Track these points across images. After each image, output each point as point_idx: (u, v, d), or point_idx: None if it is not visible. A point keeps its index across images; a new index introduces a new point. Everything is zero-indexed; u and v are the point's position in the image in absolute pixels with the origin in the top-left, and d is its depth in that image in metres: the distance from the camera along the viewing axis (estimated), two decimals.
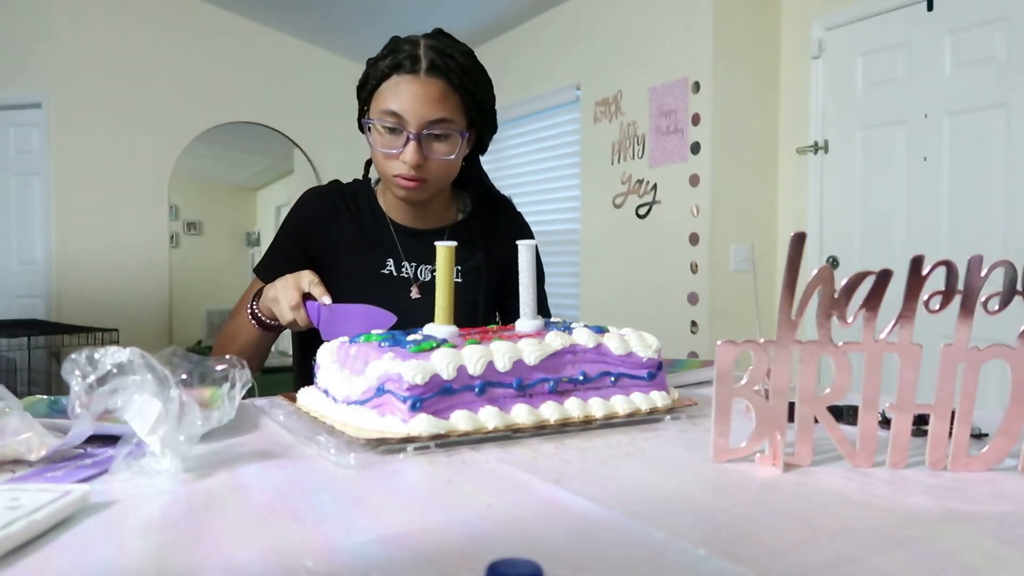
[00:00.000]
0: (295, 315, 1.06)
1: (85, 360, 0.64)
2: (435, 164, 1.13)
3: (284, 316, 1.07)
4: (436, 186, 1.18)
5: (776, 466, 0.64)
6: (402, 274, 1.23)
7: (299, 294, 1.06)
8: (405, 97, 1.09)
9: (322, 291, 1.05)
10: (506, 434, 0.74)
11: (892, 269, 0.63)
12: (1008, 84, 2.42)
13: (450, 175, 1.19)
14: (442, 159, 1.13)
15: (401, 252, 1.24)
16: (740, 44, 3.06)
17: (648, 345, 0.86)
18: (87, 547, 0.48)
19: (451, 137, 1.12)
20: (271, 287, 1.10)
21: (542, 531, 0.50)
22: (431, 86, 1.09)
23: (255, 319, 1.14)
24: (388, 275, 1.23)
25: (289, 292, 1.06)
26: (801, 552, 0.47)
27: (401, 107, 1.09)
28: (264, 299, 1.11)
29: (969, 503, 0.56)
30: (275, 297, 1.08)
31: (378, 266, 1.23)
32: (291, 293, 1.06)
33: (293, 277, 1.08)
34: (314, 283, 1.06)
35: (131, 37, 4.39)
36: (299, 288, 1.06)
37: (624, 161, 3.46)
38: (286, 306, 1.06)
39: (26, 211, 4.32)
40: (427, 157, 1.11)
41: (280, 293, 1.07)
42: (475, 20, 4.12)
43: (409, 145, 1.09)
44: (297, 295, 1.06)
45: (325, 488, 0.60)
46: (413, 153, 1.09)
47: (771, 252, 3.14)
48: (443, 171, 1.16)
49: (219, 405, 0.71)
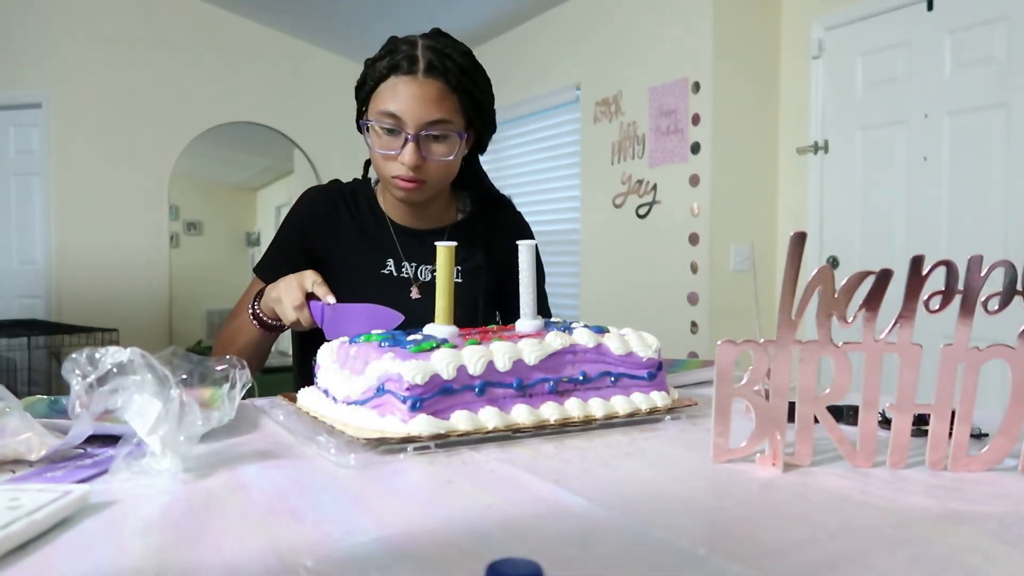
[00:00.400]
0: (299, 315, 1.05)
1: (86, 360, 0.64)
2: (433, 165, 1.13)
3: (287, 316, 1.06)
4: (435, 187, 1.18)
5: (776, 466, 0.64)
6: (402, 274, 1.23)
7: (303, 294, 1.05)
8: (403, 98, 1.09)
9: (326, 291, 1.04)
10: (506, 434, 0.74)
11: (892, 269, 0.63)
12: (1008, 84, 2.42)
13: (449, 176, 1.19)
14: (440, 160, 1.13)
15: (401, 252, 1.24)
16: (740, 44, 3.06)
17: (648, 345, 0.86)
18: (87, 547, 0.48)
19: (449, 138, 1.12)
20: (273, 287, 1.10)
21: (542, 531, 0.50)
22: (429, 87, 1.09)
23: (256, 319, 1.14)
24: (388, 275, 1.23)
25: (292, 292, 1.06)
26: (801, 552, 0.47)
27: (399, 108, 1.09)
28: (266, 299, 1.11)
29: (969, 503, 0.56)
30: (278, 297, 1.07)
31: (378, 266, 1.23)
32: (294, 293, 1.05)
33: (296, 277, 1.07)
34: (317, 283, 1.05)
35: (131, 37, 4.39)
36: (302, 288, 1.06)
37: (624, 161, 3.46)
38: (289, 306, 1.05)
39: (26, 211, 4.32)
40: (425, 158, 1.11)
41: (283, 293, 1.07)
42: (475, 20, 4.12)
43: (407, 146, 1.09)
44: (301, 295, 1.05)
45: (325, 488, 0.60)
46: (411, 154, 1.09)
47: (771, 252, 3.14)
48: (442, 172, 1.15)
49: (219, 405, 0.71)
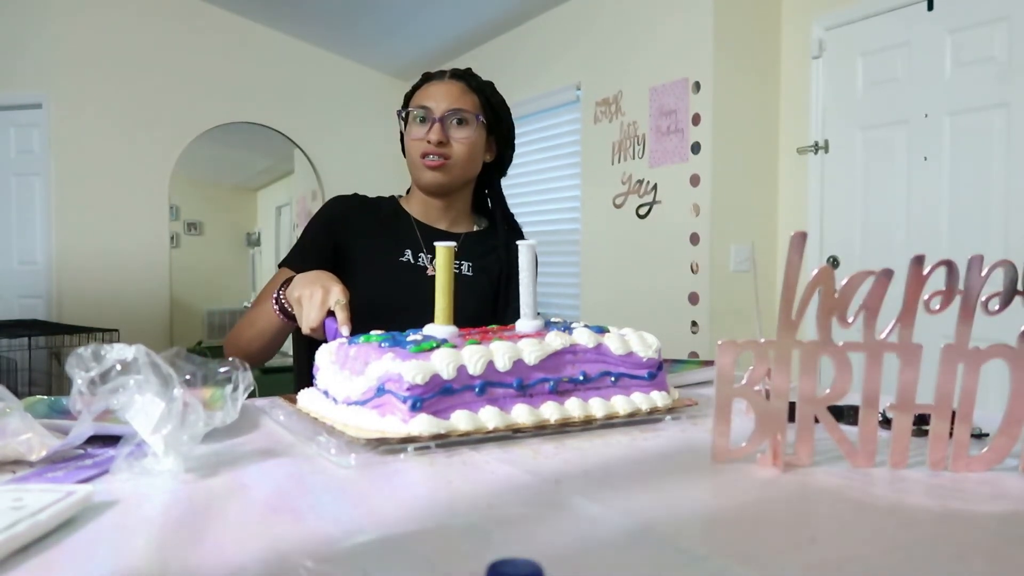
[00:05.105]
0: (312, 333, 1.05)
1: (90, 355, 0.64)
2: (456, 143, 1.32)
3: (305, 323, 1.06)
4: (458, 166, 1.33)
5: (776, 466, 0.64)
6: (419, 263, 1.35)
7: (323, 313, 1.04)
8: (432, 94, 1.34)
9: (345, 318, 1.02)
10: (506, 434, 0.74)
11: (892, 269, 0.63)
12: (1008, 84, 2.42)
13: (470, 156, 1.34)
14: (462, 140, 1.32)
15: (422, 244, 1.36)
16: (740, 44, 3.06)
17: (648, 345, 0.86)
18: (90, 547, 0.48)
19: (469, 122, 1.33)
20: (302, 283, 1.09)
21: (542, 531, 0.50)
22: (453, 85, 1.35)
23: (280, 308, 1.15)
24: (406, 263, 1.34)
25: (315, 307, 1.05)
26: (801, 552, 0.47)
27: (428, 101, 1.32)
28: (291, 291, 1.10)
29: (969, 503, 0.56)
30: (299, 299, 1.07)
31: (396, 254, 1.34)
32: (316, 311, 1.04)
33: (323, 290, 1.06)
34: (340, 304, 1.04)
35: (131, 37, 4.39)
36: (325, 303, 1.05)
37: (624, 161, 3.46)
38: (306, 321, 1.05)
39: (26, 211, 4.31)
40: (449, 139, 1.30)
41: (306, 301, 1.06)
42: (475, 20, 4.12)
43: (434, 127, 1.30)
44: (321, 315, 1.04)
45: (325, 488, 0.60)
46: (437, 132, 1.29)
47: (771, 252, 3.13)
48: (464, 149, 1.32)
49: (220, 406, 0.71)
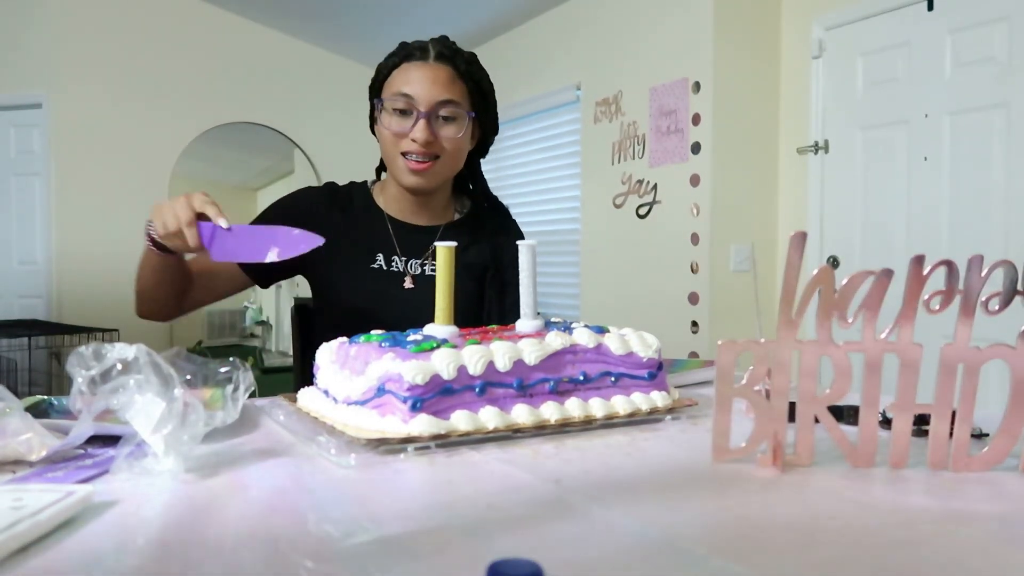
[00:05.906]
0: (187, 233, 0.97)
1: (91, 354, 0.63)
2: (444, 143, 1.16)
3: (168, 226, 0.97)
4: (445, 168, 1.19)
5: (776, 466, 0.64)
6: (392, 268, 1.23)
7: (192, 213, 0.97)
8: (415, 80, 1.14)
9: (217, 211, 0.97)
10: (506, 434, 0.74)
11: (892, 269, 0.63)
12: (1008, 84, 2.42)
13: (458, 158, 1.21)
14: (451, 139, 1.16)
15: (396, 246, 1.24)
16: (740, 44, 3.06)
17: (648, 345, 0.86)
18: (90, 547, 0.48)
19: (459, 119, 1.17)
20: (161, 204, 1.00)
21: (542, 531, 0.50)
22: (440, 70, 1.15)
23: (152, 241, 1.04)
24: (378, 269, 1.23)
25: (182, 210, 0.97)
26: (801, 552, 0.47)
27: (411, 89, 1.14)
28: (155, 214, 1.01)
29: (969, 503, 0.56)
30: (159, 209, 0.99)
31: (367, 261, 1.23)
32: (184, 211, 0.97)
33: (184, 196, 0.98)
34: (207, 202, 0.98)
35: (132, 37, 4.39)
36: (191, 206, 0.97)
37: (624, 161, 3.46)
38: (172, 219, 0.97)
39: (26, 211, 4.31)
40: (436, 136, 1.15)
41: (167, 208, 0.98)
42: (475, 20, 4.12)
43: (419, 123, 1.13)
44: (190, 213, 0.97)
45: (325, 488, 0.60)
46: (423, 130, 1.13)
47: (771, 252, 3.14)
48: (452, 150, 1.18)
49: (220, 406, 0.71)
